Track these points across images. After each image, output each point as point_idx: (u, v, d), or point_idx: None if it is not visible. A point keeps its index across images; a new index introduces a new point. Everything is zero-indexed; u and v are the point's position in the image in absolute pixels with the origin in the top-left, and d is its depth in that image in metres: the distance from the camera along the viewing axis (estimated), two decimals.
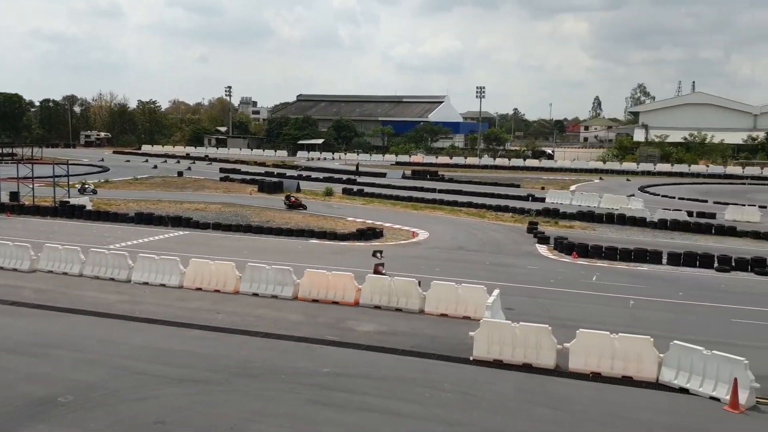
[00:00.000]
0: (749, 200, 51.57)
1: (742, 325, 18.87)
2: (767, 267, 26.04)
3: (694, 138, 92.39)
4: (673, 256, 27.50)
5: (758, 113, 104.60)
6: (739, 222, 39.39)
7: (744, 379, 12.95)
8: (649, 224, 37.88)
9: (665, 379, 14.13)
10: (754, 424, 12.29)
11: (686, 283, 24.05)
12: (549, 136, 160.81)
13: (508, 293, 20.21)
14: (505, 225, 38.21)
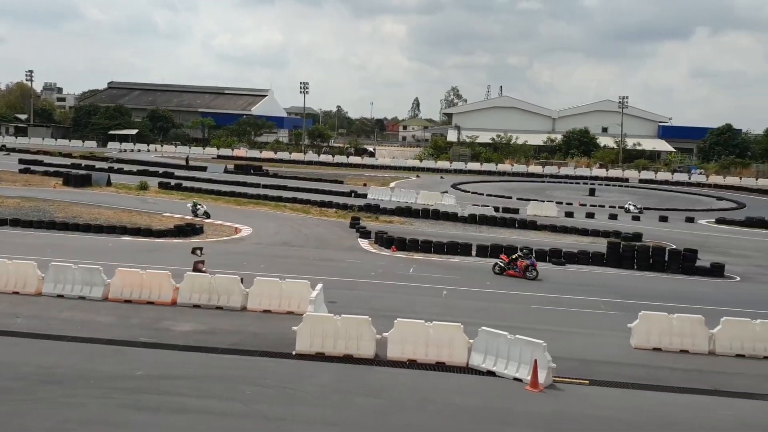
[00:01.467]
0: (548, 196, 56.70)
1: (541, 310, 20.66)
2: (562, 257, 28.73)
3: (501, 139, 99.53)
4: (482, 248, 29.48)
5: (556, 117, 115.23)
6: (539, 216, 43.09)
7: (543, 361, 14.19)
8: (460, 219, 40.25)
9: (474, 363, 15.10)
10: (551, 401, 13.52)
11: (493, 274, 25.85)
12: (370, 135, 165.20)
13: (332, 287, 20.49)
14: (329, 220, 38.69)
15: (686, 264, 28.02)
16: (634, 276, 27.38)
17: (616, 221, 43.51)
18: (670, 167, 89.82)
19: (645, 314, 17.46)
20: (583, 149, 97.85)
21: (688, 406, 13.72)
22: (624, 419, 12.79)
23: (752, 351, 17.03)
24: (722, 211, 53.10)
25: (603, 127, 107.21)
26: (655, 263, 28.27)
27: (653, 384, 14.72)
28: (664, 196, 64.06)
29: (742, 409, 13.65)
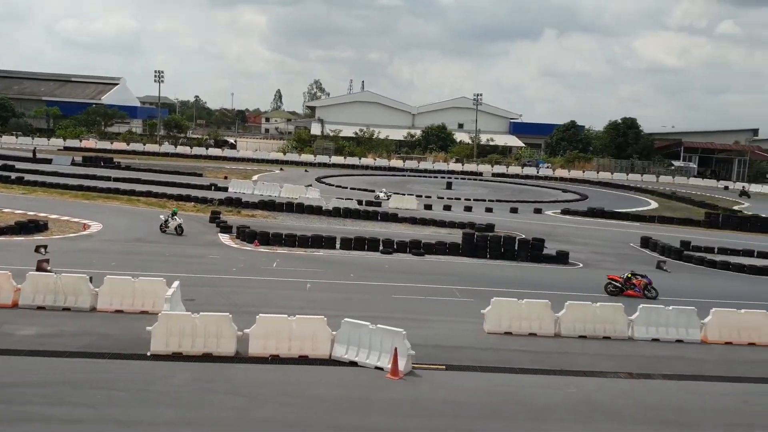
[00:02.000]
0: (408, 190, 58.14)
1: (402, 300, 21.19)
2: (421, 248, 29.61)
3: (363, 133, 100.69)
4: (346, 241, 29.74)
5: (416, 113, 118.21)
6: (400, 209, 44.12)
7: (402, 348, 14.58)
8: (324, 212, 40.36)
9: (337, 354, 15.24)
10: (410, 387, 13.93)
11: (357, 266, 26.21)
12: (231, 126, 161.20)
13: (190, 284, 19.85)
14: (187, 215, 37.27)
15: (534, 252, 29.83)
16: (487, 264, 28.76)
17: (472, 213, 45.44)
18: (520, 162, 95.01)
19: (497, 300, 18.40)
20: (441, 144, 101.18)
21: (536, 385, 14.63)
22: (478, 401, 13.42)
23: (593, 332, 18.46)
24: (567, 203, 56.95)
25: (459, 123, 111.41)
26: (506, 252, 29.86)
27: (505, 366, 15.58)
28: (515, 189, 67.69)
29: (584, 385, 14.76)
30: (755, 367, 16.84)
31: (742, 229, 45.71)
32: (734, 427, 13.02)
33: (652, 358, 17.05)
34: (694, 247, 34.74)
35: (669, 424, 12.96)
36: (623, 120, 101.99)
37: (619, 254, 33.55)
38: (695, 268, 31.18)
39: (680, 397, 14.54)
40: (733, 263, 31.17)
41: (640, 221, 47.34)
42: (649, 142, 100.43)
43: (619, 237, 38.98)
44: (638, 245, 35.89)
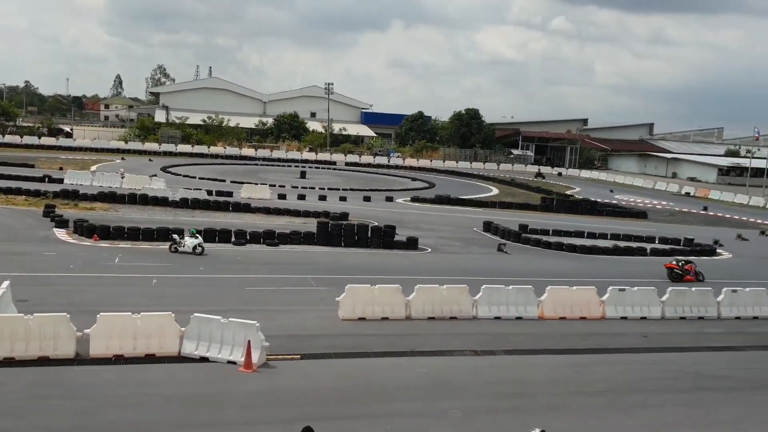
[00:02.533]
0: (261, 179, 57.29)
1: (255, 291, 20.89)
2: (276, 238, 29.33)
3: (212, 121, 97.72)
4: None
5: (267, 100, 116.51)
6: (253, 199, 43.37)
7: (256, 341, 14.39)
8: (171, 203, 38.77)
9: (187, 351, 14.75)
10: (265, 379, 13.80)
11: (207, 258, 25.45)
12: (67, 113, 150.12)
13: (22, 284, 18.35)
14: (17, 209, 34.37)
15: (386, 239, 30.55)
16: (341, 252, 29.06)
17: (326, 202, 45.64)
18: (372, 151, 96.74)
19: (350, 287, 18.65)
20: (294, 133, 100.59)
21: (388, 368, 15.03)
22: (332, 387, 13.58)
23: (441, 313, 19.24)
24: (416, 191, 58.80)
25: (311, 112, 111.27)
26: (359, 239, 30.33)
27: (359, 351, 15.86)
28: (367, 178, 68.81)
29: (433, 365, 15.36)
30: (586, 339, 18.35)
31: (573, 212, 49.58)
32: (567, 395, 14.12)
33: (495, 335, 18.07)
34: (532, 230, 37.16)
35: (510, 396, 13.83)
36: (467, 111, 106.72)
37: (464, 238, 35.17)
38: (532, 249, 33.37)
39: (520, 370, 15.55)
40: (565, 244, 33.70)
41: (483, 207, 49.91)
42: (491, 131, 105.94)
43: (464, 222, 40.83)
44: (481, 229, 37.80)
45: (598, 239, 36.86)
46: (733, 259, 34.68)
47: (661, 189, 77.90)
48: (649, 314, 20.98)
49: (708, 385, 15.24)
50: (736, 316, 21.80)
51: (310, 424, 8.82)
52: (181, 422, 11.61)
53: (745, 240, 40.92)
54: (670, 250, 34.83)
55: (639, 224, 45.74)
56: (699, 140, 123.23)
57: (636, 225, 44.83)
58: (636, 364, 16.53)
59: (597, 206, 52.26)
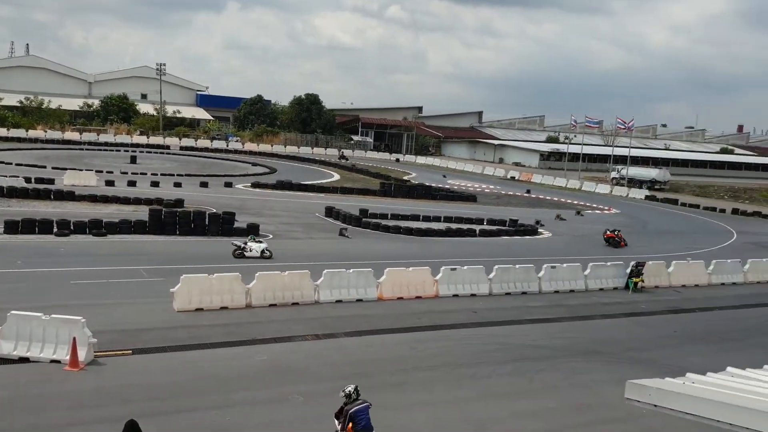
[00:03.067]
0: (87, 165, 53.60)
1: (82, 285, 19.58)
2: (103, 228, 27.61)
3: (30, 102, 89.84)
4: (11, 224, 26.34)
5: (93, 81, 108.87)
6: (78, 186, 40.38)
7: (82, 337, 13.53)
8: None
9: (4, 352, 13.59)
10: (92, 377, 13.03)
11: (25, 251, 23.45)
12: None
13: None
14: None
15: (225, 226, 29.80)
16: (177, 241, 27.97)
17: (159, 188, 43.61)
18: (210, 135, 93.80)
19: (186, 277, 18.05)
20: (123, 116, 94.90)
21: (227, 358, 14.76)
22: (167, 381, 13.12)
23: (282, 299, 19.18)
24: (257, 176, 57.79)
25: (142, 93, 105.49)
26: (196, 227, 29.35)
27: (196, 343, 15.42)
28: (204, 163, 66.61)
29: (274, 352, 15.31)
30: (421, 317, 19.17)
31: (410, 196, 51.32)
32: (405, 372, 14.69)
33: (337, 318, 18.35)
34: (371, 214, 37.98)
35: (350, 377, 14.07)
36: (307, 96, 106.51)
37: (306, 224, 35.24)
38: (372, 233, 34.15)
39: (360, 351, 15.93)
40: (403, 227, 34.82)
41: (325, 192, 50.21)
42: (331, 117, 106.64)
43: (305, 208, 40.86)
44: (323, 215, 38.06)
45: (433, 222, 38.47)
46: (553, 237, 37.67)
47: (489, 174, 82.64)
48: (478, 291, 22.30)
49: (529, 355, 16.51)
50: (555, 290, 23.78)
51: (142, 420, 8.48)
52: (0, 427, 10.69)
53: (563, 220, 44.56)
54: (497, 230, 37.16)
55: (469, 207, 48.28)
56: (523, 127, 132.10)
57: (467, 208, 47.27)
58: (466, 338, 17.53)
59: (432, 191, 54.42)
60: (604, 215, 51.17)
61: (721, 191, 77.22)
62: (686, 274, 27.10)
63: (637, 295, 24.36)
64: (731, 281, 27.99)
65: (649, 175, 77.76)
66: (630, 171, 77.64)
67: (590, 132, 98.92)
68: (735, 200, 70.38)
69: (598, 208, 54.86)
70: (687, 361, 16.04)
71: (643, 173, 78.57)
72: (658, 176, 77.16)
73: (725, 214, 57.65)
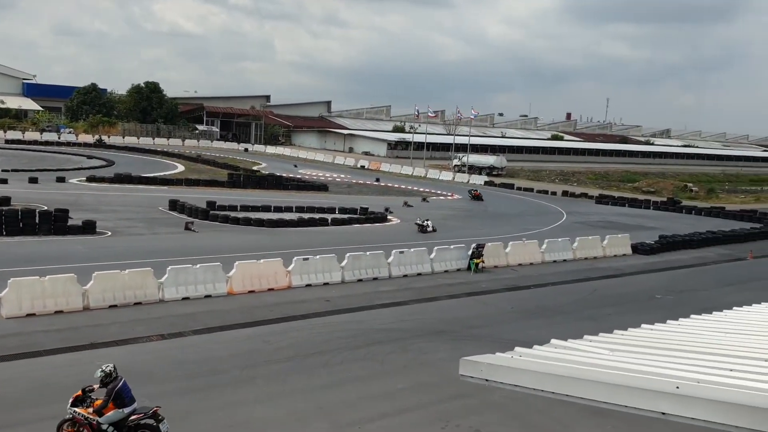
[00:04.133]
0: None
1: None
2: None
3: None
4: None
5: None
6: None
7: None
8: None
9: None
10: None
11: None
12: None
13: None
14: None
15: (58, 224, 27.80)
16: (3, 242, 25.68)
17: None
18: (39, 127, 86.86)
19: (14, 281, 16.69)
20: None
21: (63, 365, 13.85)
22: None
23: (123, 300, 18.25)
24: (93, 169, 54.29)
25: None
26: (26, 226, 27.13)
27: (26, 351, 14.31)
28: (34, 157, 61.56)
29: (116, 355, 14.51)
30: (273, 309, 19.04)
31: (260, 187, 50.63)
32: (256, 366, 14.54)
33: (184, 316, 17.78)
34: (220, 207, 37.06)
35: (200, 375, 13.79)
36: (146, 84, 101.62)
37: (148, 218, 33.70)
38: (221, 225, 33.32)
39: (209, 348, 15.55)
40: (253, 219, 34.27)
41: (168, 185, 48.24)
42: (174, 106, 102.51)
43: (148, 201, 39.05)
44: (167, 208, 36.57)
45: (285, 212, 38.24)
46: (401, 223, 38.79)
47: (339, 163, 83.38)
48: (331, 279, 22.51)
49: (380, 339, 16.95)
50: (404, 274, 24.54)
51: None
52: None
53: (410, 206, 45.98)
54: (349, 219, 37.64)
55: (321, 197, 48.49)
56: (371, 117, 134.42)
57: (318, 197, 47.44)
58: (319, 327, 17.68)
59: (282, 181, 54.01)
60: (447, 200, 53.43)
61: (552, 175, 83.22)
62: (522, 254, 28.98)
63: (478, 275, 25.71)
64: (562, 258, 30.27)
65: (488, 162, 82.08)
66: (470, 158, 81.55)
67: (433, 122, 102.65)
68: (565, 183, 76.10)
69: (442, 194, 57.17)
70: (522, 334, 17.24)
71: (482, 160, 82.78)
72: (495, 163, 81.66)
73: (556, 197, 62.20)
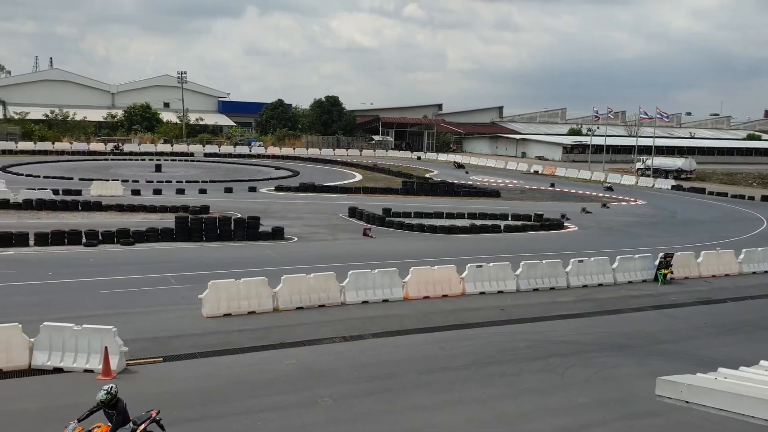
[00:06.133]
0: (113, 175, 54.37)
1: (111, 294, 19.84)
2: (131, 237, 27.97)
3: (55, 115, 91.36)
4: (41, 236, 26.81)
5: (116, 91, 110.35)
6: (105, 196, 41.03)
7: (114, 346, 13.72)
8: (13, 206, 35.87)
9: (38, 363, 13.83)
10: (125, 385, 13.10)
11: (56, 262, 23.86)
12: None
13: None
14: None
15: (251, 231, 30.03)
16: (203, 247, 28.23)
17: (185, 196, 44.05)
18: (232, 141, 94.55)
19: (214, 283, 18.19)
20: (146, 125, 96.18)
21: (256, 362, 14.85)
22: (198, 388, 13.23)
23: (309, 302, 19.26)
24: (280, 179, 58.16)
25: (165, 102, 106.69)
26: (222, 233, 29.60)
27: (225, 349, 15.53)
28: (228, 169, 67.17)
29: (302, 355, 15.37)
30: (448, 316, 19.10)
31: (432, 194, 51.24)
32: (432, 372, 14.65)
33: (363, 319, 18.37)
34: (395, 213, 37.98)
35: (378, 378, 14.15)
36: (327, 98, 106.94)
37: (330, 225, 35.35)
38: (396, 231, 34.16)
39: (388, 351, 15.92)
40: (426, 225, 34.76)
41: (348, 193, 50.35)
42: (352, 118, 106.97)
43: (329, 209, 40.99)
44: (347, 215, 38.15)
45: (456, 219, 38.36)
46: (579, 231, 37.34)
47: (512, 168, 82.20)
48: (505, 288, 22.17)
49: (559, 351, 16.36)
50: (583, 285, 23.55)
51: (175, 427, 8.57)
52: None
53: (588, 213, 44.15)
54: (522, 226, 36.91)
55: (493, 203, 48.06)
56: (545, 121, 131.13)
57: (490, 204, 47.05)
58: (495, 336, 17.44)
59: (454, 187, 54.27)
60: (630, 206, 50.60)
61: (749, 178, 75.93)
62: (716, 264, 26.68)
63: (666, 286, 24.04)
64: (763, 270, 27.47)
65: (675, 164, 76.70)
66: (655, 161, 76.69)
67: (613, 123, 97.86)
68: (764, 187, 69.11)
69: (624, 200, 54.24)
70: (718, 352, 15.82)
71: (668, 163, 77.54)
72: (684, 165, 76.08)
73: (754, 202, 56.67)
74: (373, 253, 27.55)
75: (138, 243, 27.84)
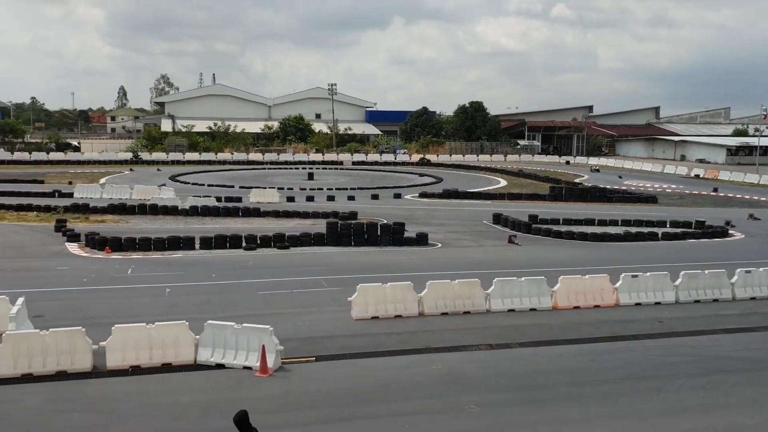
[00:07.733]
0: (269, 183, 57.47)
1: (268, 295, 20.95)
2: (286, 241, 29.40)
3: (218, 127, 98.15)
4: (205, 240, 28.90)
5: (272, 104, 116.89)
6: (262, 203, 43.50)
7: (270, 345, 14.45)
8: (181, 212, 38.95)
9: (202, 358, 14.83)
10: (280, 383, 13.85)
11: (218, 265, 25.57)
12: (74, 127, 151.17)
13: (37, 299, 18.54)
14: (29, 225, 34.69)
15: (396, 236, 30.55)
16: (351, 252, 29.09)
17: (334, 202, 45.70)
18: (379, 149, 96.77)
19: (362, 287, 18.66)
20: (300, 135, 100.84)
21: (403, 366, 15.03)
22: (348, 388, 13.61)
23: (453, 308, 19.22)
24: (424, 186, 58.70)
25: (316, 113, 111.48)
26: (369, 238, 30.36)
27: (373, 351, 15.87)
28: (375, 176, 68.83)
29: (448, 361, 15.35)
30: (600, 327, 18.29)
31: (583, 200, 49.40)
32: (584, 384, 14.08)
33: (509, 327, 18.05)
34: (541, 220, 37.04)
35: (526, 388, 13.81)
36: (471, 104, 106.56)
37: (474, 231, 35.12)
38: (543, 239, 33.27)
39: (535, 362, 15.51)
40: (576, 232, 33.57)
41: (492, 199, 49.79)
42: (496, 123, 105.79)
43: (473, 215, 40.76)
44: (491, 222, 37.73)
45: (609, 226, 36.71)
46: (746, 239, 34.44)
47: (670, 172, 77.44)
48: (663, 299, 20.88)
49: (724, 368, 15.14)
50: (751, 297, 21.67)
51: (326, 425, 8.83)
52: (200, 429, 11.68)
53: (757, 219, 40.64)
54: (682, 233, 34.64)
55: (649, 209, 45.52)
56: (706, 121, 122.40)
57: (646, 210, 44.60)
58: (651, 349, 16.46)
59: (606, 193, 52.00)
60: None
61: None
62: None
63: None
64: None
65: None
66: None
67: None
68: None
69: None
70: None
71: None
72: None
73: None
74: (518, 260, 27.02)
75: (292, 247, 29.23)
